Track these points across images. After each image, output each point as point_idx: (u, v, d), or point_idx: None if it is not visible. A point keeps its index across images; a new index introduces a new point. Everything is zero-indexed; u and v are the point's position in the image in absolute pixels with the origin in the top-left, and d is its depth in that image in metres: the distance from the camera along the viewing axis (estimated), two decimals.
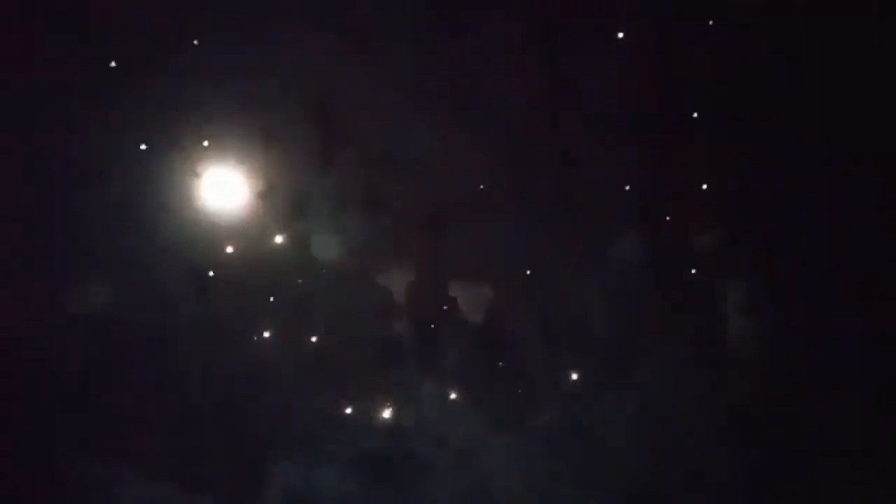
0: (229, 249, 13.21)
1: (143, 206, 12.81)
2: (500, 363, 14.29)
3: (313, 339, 13.60)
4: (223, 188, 13.22)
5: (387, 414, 13.89)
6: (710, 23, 14.24)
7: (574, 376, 14.67)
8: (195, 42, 12.90)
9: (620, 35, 13.99)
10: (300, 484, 13.52)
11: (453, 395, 14.11)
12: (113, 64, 12.71)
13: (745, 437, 14.97)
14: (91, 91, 12.65)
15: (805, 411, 14.77)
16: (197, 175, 13.05)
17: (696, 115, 14.36)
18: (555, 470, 14.93)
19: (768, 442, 14.96)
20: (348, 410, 13.65)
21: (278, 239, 13.43)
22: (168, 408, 13.00)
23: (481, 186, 13.81)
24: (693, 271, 14.72)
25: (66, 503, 12.87)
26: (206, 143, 12.68)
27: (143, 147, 12.63)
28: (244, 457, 13.32)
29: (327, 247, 13.51)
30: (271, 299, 13.52)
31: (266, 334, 13.48)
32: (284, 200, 13.29)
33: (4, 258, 12.71)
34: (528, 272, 14.12)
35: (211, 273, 13.12)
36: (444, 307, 13.80)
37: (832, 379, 14.68)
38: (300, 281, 13.56)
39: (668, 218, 14.56)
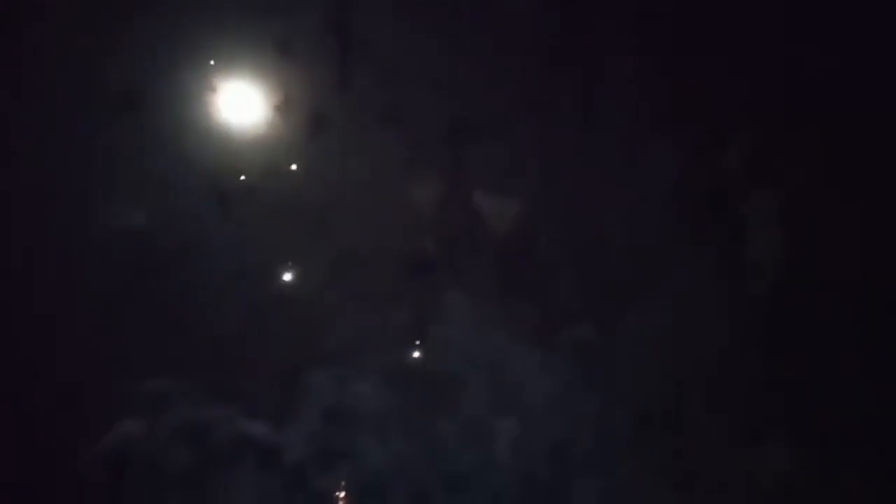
0: (252, 165, 13.32)
1: (164, 126, 12.96)
2: (526, 276, 14.42)
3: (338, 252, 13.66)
4: (241, 103, 13.28)
5: (416, 326, 14.11)
6: None
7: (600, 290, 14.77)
8: None
9: None
10: (334, 395, 13.86)
11: (481, 308, 14.26)
12: None
13: (769, 346, 15.09)
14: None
15: (827, 321, 14.82)
16: (213, 90, 13.09)
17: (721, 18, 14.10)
18: (579, 383, 15.13)
19: (791, 350, 15.05)
20: (379, 323, 13.87)
21: (299, 153, 13.47)
22: (201, 322, 13.30)
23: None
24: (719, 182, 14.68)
25: (107, 419, 13.30)
26: (212, 62, 12.60)
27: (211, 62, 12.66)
28: (279, 369, 13.68)
29: (349, 160, 13.54)
30: (295, 215, 13.62)
31: (291, 249, 13.60)
32: (303, 116, 13.34)
33: (38, 183, 12.98)
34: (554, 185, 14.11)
35: (235, 190, 13.23)
36: (469, 221, 13.90)
37: (855, 289, 14.69)
38: (323, 194, 13.62)
39: (695, 128, 14.44)
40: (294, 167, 13.14)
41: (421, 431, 14.39)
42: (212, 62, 13.30)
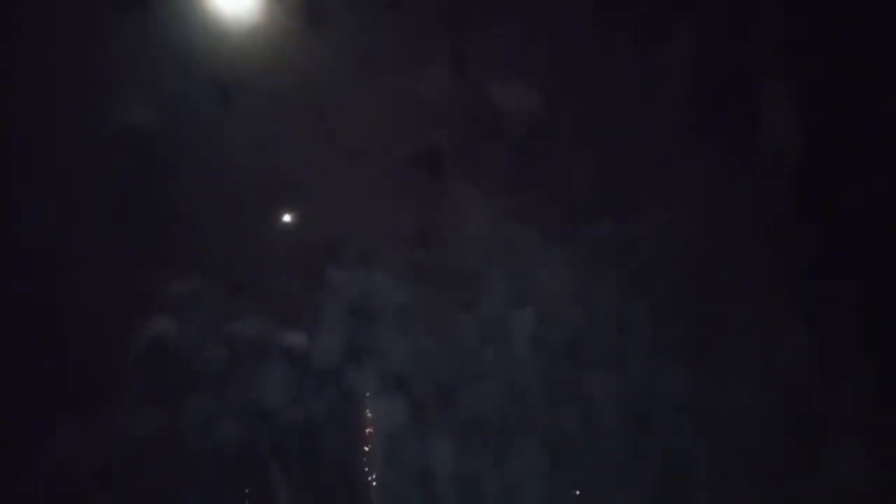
0: (251, 54, 13.10)
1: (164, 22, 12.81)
2: (542, 170, 14.40)
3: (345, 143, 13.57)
4: None
5: (435, 225, 14.20)
6: None
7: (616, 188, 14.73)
8: None
9: None
10: (357, 292, 14.11)
11: (495, 203, 14.28)
12: None
13: (787, 238, 15.14)
14: None
15: (844, 210, 14.79)
16: None
17: None
18: (598, 279, 15.28)
19: (807, 242, 15.08)
20: (394, 221, 13.96)
21: (300, 39, 13.19)
22: (215, 223, 13.45)
23: None
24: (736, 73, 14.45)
25: (129, 317, 13.60)
26: None
27: None
28: (302, 267, 13.90)
29: (351, 47, 13.30)
30: (296, 105, 13.43)
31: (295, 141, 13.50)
32: (303, 3, 13.10)
33: (52, 91, 13.02)
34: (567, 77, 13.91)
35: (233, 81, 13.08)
36: (482, 113, 13.76)
37: (871, 181, 14.59)
38: (324, 82, 13.39)
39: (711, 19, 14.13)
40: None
41: (441, 327, 14.69)
42: None
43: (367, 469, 14.63)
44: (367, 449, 14.70)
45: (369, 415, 14.53)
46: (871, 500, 14.19)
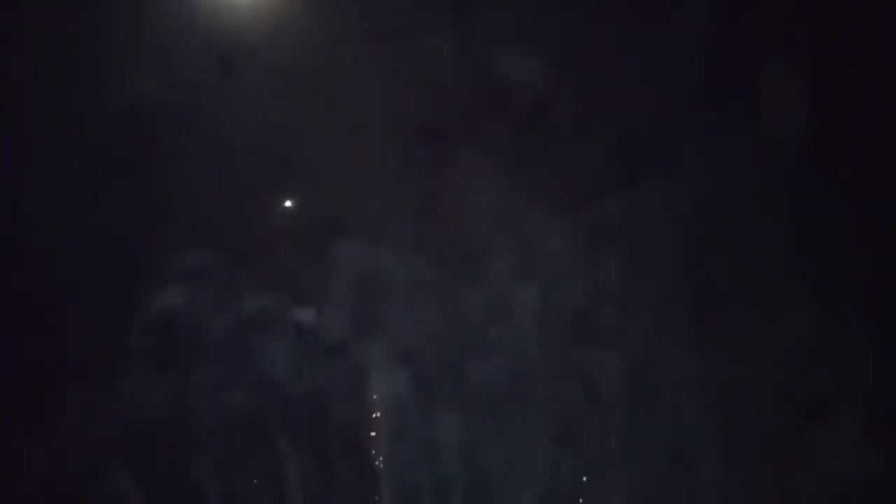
0: (252, 25, 13.05)
1: None
2: (548, 144, 14.40)
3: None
4: None
5: (440, 199, 14.24)
6: None
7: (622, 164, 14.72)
8: None
9: None
10: (363, 265, 14.22)
11: (502, 177, 14.28)
12: None
13: (787, 219, 15.16)
14: None
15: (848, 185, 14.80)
16: None
17: None
18: (602, 255, 15.36)
19: (811, 217, 15.10)
20: (403, 195, 14.00)
21: (302, 10, 13.11)
22: (224, 194, 13.55)
23: None
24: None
25: (137, 291, 13.76)
26: None
27: None
28: (307, 241, 14.02)
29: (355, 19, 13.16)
30: (299, 78, 13.39)
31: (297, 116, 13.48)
32: None
33: (54, 66, 13.10)
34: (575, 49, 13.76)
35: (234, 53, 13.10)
36: (487, 85, 13.63)
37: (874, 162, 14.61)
38: (327, 55, 13.32)
39: None
40: None
41: (446, 301, 14.81)
42: None
43: (373, 442, 14.81)
44: (373, 422, 14.87)
45: (376, 389, 14.68)
46: (869, 478, 14.34)
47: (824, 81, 14.18)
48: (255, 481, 14.29)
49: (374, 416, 14.79)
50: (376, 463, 14.78)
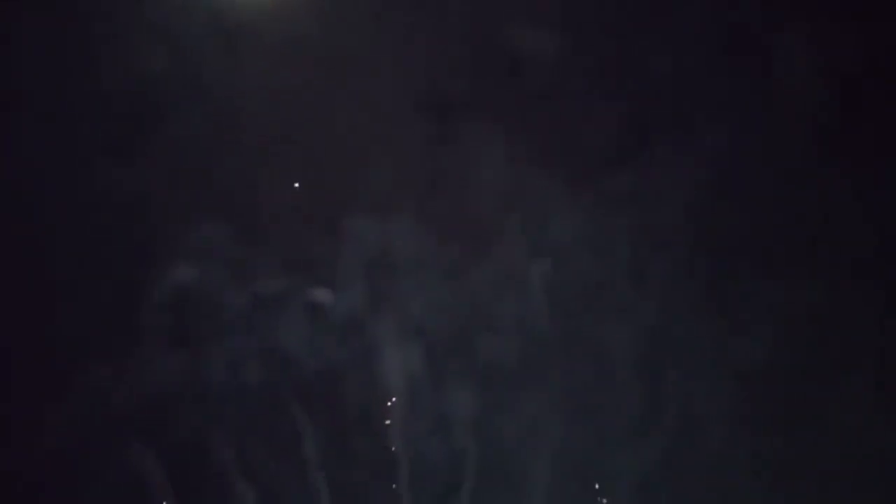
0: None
1: None
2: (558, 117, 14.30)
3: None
4: None
5: (450, 172, 14.20)
6: None
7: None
8: None
9: None
10: (374, 239, 14.31)
11: (514, 149, 14.17)
12: None
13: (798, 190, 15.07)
14: None
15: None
16: None
17: None
18: (614, 228, 15.33)
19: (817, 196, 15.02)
20: (410, 168, 13.95)
21: None
22: (237, 169, 13.67)
23: None
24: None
25: (152, 265, 13.98)
26: None
27: None
28: (320, 212, 14.08)
29: None
30: (307, 50, 13.34)
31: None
32: None
33: (61, 38, 13.21)
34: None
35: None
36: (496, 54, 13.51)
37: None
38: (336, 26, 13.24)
39: None
40: None
41: (458, 275, 14.86)
42: None
43: (386, 414, 14.93)
44: (387, 394, 14.98)
45: (388, 362, 14.79)
46: (877, 443, 14.36)
47: (837, 46, 13.99)
48: (273, 453, 14.44)
49: (387, 388, 14.89)
50: (390, 434, 14.90)
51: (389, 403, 14.72)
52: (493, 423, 15.14)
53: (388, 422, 14.87)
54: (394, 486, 14.74)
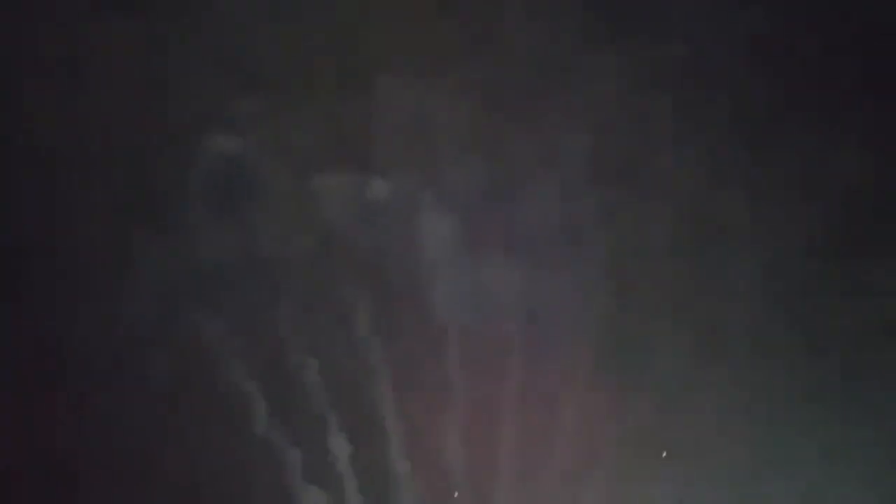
0: None
1: None
2: None
3: None
4: None
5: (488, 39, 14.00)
6: None
7: None
8: None
9: None
10: (410, 106, 14.28)
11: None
12: None
13: None
14: None
15: None
16: None
17: None
18: (655, 101, 15.15)
19: None
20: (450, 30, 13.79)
21: None
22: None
23: None
24: None
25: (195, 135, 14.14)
26: None
27: None
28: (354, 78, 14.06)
29: None
30: None
31: None
32: None
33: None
34: None
35: None
36: None
37: None
38: None
39: None
40: None
41: (496, 147, 14.83)
42: None
43: (426, 285, 15.10)
44: (430, 267, 15.12)
45: (425, 232, 14.91)
46: None
47: None
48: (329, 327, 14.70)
49: (425, 259, 15.01)
50: (431, 303, 15.11)
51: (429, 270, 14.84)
52: (535, 297, 15.30)
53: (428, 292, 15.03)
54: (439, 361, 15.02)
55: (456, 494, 14.51)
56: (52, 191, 13.94)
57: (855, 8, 14.50)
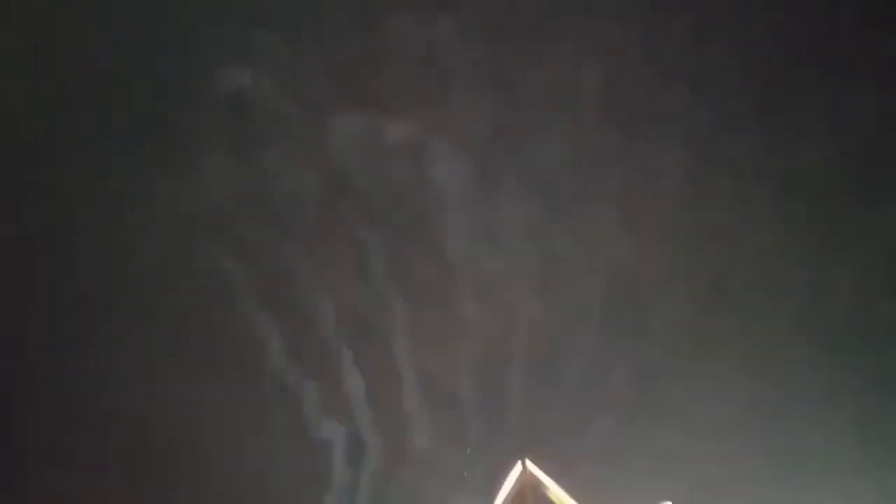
0: None
1: None
2: None
3: None
4: None
5: None
6: None
7: None
8: None
9: None
10: (425, 43, 14.07)
11: None
12: None
13: None
14: None
15: None
16: None
17: None
18: (668, 35, 14.88)
19: None
20: None
21: None
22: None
23: None
24: None
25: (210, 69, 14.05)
26: None
27: None
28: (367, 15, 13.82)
29: None
30: None
31: None
32: None
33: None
34: None
35: None
36: None
37: None
38: None
39: None
40: None
41: (509, 84, 14.71)
42: None
43: (438, 226, 15.18)
44: (442, 207, 15.15)
45: (438, 170, 14.92)
46: None
47: None
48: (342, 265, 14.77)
49: (438, 201, 15.04)
50: (443, 244, 15.19)
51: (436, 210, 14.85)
52: (548, 235, 15.34)
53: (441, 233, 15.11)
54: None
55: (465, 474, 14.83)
56: (73, 131, 14.06)
57: None
